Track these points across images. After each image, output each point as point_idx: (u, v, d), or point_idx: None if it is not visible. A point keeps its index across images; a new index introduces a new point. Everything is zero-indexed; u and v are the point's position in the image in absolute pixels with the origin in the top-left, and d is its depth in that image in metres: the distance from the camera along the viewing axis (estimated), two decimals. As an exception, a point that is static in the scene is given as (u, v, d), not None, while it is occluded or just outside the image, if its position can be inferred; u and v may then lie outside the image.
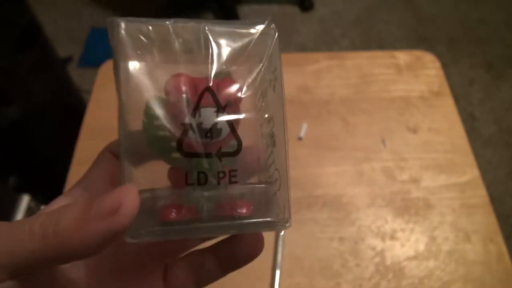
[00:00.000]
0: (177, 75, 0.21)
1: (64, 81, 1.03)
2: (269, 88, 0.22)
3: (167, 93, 0.20)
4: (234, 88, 0.21)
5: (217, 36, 0.21)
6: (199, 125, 0.20)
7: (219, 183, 0.21)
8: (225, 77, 0.21)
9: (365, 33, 1.65)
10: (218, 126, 0.20)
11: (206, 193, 0.20)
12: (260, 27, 0.23)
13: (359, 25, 1.68)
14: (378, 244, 0.48)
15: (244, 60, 0.22)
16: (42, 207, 0.26)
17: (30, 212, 0.75)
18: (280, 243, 0.47)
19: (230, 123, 0.21)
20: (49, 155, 0.93)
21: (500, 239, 0.48)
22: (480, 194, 0.51)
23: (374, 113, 0.59)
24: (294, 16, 1.71)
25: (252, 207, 0.21)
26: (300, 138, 0.56)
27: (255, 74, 0.22)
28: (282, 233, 0.48)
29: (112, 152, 0.24)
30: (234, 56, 0.21)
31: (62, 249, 0.17)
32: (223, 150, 0.21)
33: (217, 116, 0.20)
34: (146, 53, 0.21)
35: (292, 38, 1.64)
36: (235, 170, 0.21)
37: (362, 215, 0.50)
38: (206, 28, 0.21)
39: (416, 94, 0.61)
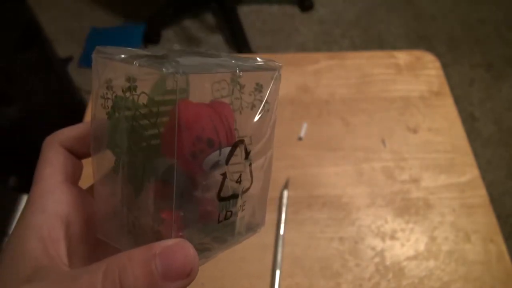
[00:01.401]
0: (191, 108, 0.21)
1: (64, 81, 1.03)
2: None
3: (190, 126, 0.21)
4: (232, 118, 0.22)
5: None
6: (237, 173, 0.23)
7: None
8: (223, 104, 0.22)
9: (365, 33, 1.65)
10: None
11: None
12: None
13: (359, 25, 1.68)
14: (378, 244, 0.48)
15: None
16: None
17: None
18: (280, 243, 0.47)
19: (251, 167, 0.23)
20: (49, 155, 0.93)
21: (500, 239, 0.48)
22: (480, 194, 0.51)
23: (374, 113, 0.59)
24: (294, 16, 1.71)
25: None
26: (300, 138, 0.56)
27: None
28: (282, 232, 0.48)
29: (64, 146, 0.25)
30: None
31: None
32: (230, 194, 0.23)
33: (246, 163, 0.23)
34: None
35: (292, 38, 1.64)
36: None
37: (362, 215, 0.50)
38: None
39: (416, 94, 0.61)
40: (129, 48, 0.21)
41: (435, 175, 0.53)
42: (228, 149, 0.21)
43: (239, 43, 1.56)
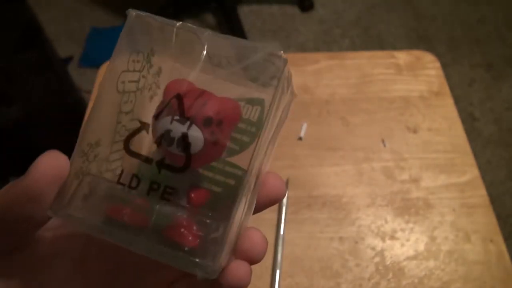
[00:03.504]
0: (176, 80, 0.20)
1: (64, 81, 1.03)
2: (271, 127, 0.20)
3: (163, 93, 0.20)
4: (224, 108, 0.19)
5: (214, 46, 0.20)
6: (167, 131, 0.19)
7: (148, 193, 0.19)
8: (225, 97, 0.20)
9: (365, 33, 1.65)
10: (188, 139, 0.19)
11: (160, 207, 0.19)
12: (266, 49, 0.20)
13: (359, 25, 1.68)
14: (378, 244, 0.48)
15: (240, 82, 0.20)
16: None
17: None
18: (280, 243, 0.47)
19: (186, 137, 0.19)
20: (49, 155, 0.93)
21: (500, 239, 0.48)
22: (480, 194, 0.51)
23: (374, 113, 0.59)
24: (294, 16, 1.71)
25: (197, 241, 0.18)
26: (300, 138, 0.56)
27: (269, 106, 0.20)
28: (282, 233, 0.48)
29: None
30: (227, 70, 0.20)
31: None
32: (168, 162, 0.19)
33: (183, 127, 0.19)
34: (163, 51, 0.20)
35: (292, 38, 1.64)
36: (172, 188, 0.19)
37: (362, 215, 0.50)
38: (208, 37, 0.20)
39: (416, 94, 0.61)
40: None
41: (435, 175, 0.53)
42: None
43: (239, 43, 1.57)
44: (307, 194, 0.51)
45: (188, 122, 0.19)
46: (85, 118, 0.20)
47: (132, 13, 0.20)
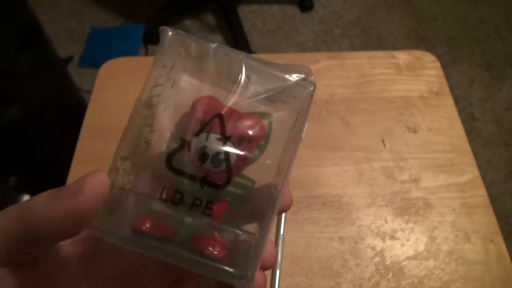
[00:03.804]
0: (206, 97, 0.21)
1: (64, 81, 1.03)
2: (291, 142, 0.22)
3: (191, 109, 0.21)
4: (253, 126, 0.21)
5: (251, 70, 0.21)
6: (202, 148, 0.20)
7: (191, 208, 0.20)
8: (251, 115, 0.21)
9: (365, 33, 1.65)
10: (220, 156, 0.20)
11: (188, 219, 0.20)
12: (298, 76, 0.22)
13: (359, 25, 1.68)
14: (378, 244, 0.48)
15: (272, 104, 0.21)
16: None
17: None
18: (280, 243, 0.47)
19: (228, 155, 0.20)
20: (49, 155, 0.93)
21: (500, 239, 0.48)
22: (480, 194, 0.51)
23: (374, 113, 0.59)
24: (294, 16, 1.71)
25: (226, 251, 0.20)
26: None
27: (289, 125, 0.22)
28: (282, 232, 0.48)
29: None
30: (260, 94, 0.21)
31: (32, 229, 0.18)
32: (211, 180, 0.20)
33: (222, 145, 0.20)
34: (181, 65, 0.21)
35: (292, 38, 1.64)
36: (212, 203, 0.20)
37: (362, 215, 0.50)
38: (243, 60, 0.21)
39: (416, 94, 0.61)
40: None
41: (435, 175, 0.53)
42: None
43: (239, 43, 1.56)
44: (307, 194, 0.51)
45: (224, 140, 0.20)
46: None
47: (168, 31, 0.21)
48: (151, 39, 1.59)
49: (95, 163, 0.51)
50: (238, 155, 0.20)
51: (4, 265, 0.18)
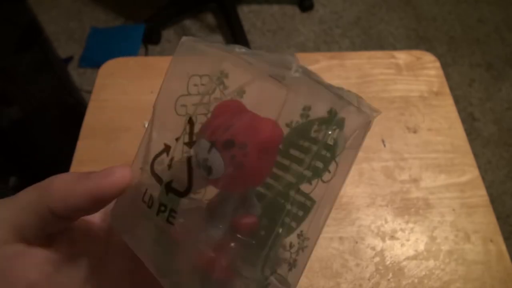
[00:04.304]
0: (226, 101, 0.19)
1: (64, 81, 1.03)
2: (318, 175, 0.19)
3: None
4: (250, 129, 0.18)
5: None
6: (190, 156, 0.19)
7: (157, 215, 0.19)
8: (267, 119, 0.18)
9: (365, 33, 1.65)
10: (207, 163, 0.18)
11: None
12: (350, 106, 0.19)
13: (359, 25, 1.68)
14: (378, 244, 0.48)
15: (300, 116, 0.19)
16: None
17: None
18: (280, 243, 0.47)
19: (206, 161, 0.18)
20: (49, 155, 0.93)
21: (500, 239, 0.48)
22: (480, 194, 0.51)
23: (374, 113, 0.59)
24: (294, 16, 1.71)
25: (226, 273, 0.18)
26: (300, 138, 0.56)
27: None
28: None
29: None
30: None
31: (56, 203, 0.19)
32: (174, 186, 0.19)
33: (209, 151, 0.18)
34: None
35: (292, 38, 1.64)
36: (176, 212, 0.18)
37: (362, 215, 0.50)
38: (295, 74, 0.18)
39: (416, 94, 0.61)
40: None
41: (435, 175, 0.53)
42: None
43: (239, 43, 1.56)
44: (307, 194, 0.51)
45: (209, 146, 0.18)
46: (143, 137, 0.21)
47: (185, 40, 0.21)
48: (151, 39, 1.59)
49: (95, 163, 0.51)
50: (225, 162, 0.18)
51: (22, 241, 0.20)
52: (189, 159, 0.19)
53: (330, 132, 0.18)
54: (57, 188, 0.19)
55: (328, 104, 0.18)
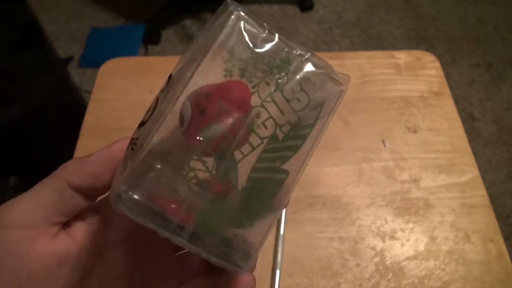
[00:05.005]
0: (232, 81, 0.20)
1: (64, 81, 1.03)
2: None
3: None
4: (219, 83, 0.20)
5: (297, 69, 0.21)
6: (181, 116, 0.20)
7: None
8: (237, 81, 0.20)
9: (365, 33, 1.65)
10: (181, 114, 0.20)
11: (208, 207, 0.19)
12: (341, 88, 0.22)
13: (359, 25, 1.68)
14: (378, 244, 0.48)
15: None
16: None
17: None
18: (280, 243, 0.47)
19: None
20: (49, 155, 0.93)
21: (500, 239, 0.48)
22: (480, 194, 0.51)
23: (374, 113, 0.59)
24: (294, 16, 1.71)
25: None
26: (300, 138, 0.56)
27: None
28: (282, 232, 0.48)
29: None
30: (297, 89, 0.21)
31: (72, 176, 0.20)
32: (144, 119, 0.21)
33: (184, 105, 0.20)
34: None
35: (292, 38, 1.64)
36: (137, 138, 0.20)
37: (362, 215, 0.50)
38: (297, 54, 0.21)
39: (416, 94, 0.61)
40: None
41: (435, 175, 0.53)
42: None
43: (239, 43, 1.57)
44: (307, 194, 0.51)
45: (187, 101, 0.19)
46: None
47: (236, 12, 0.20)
48: (151, 39, 1.59)
49: (95, 163, 0.51)
50: (192, 110, 0.19)
51: (39, 226, 0.20)
52: (157, 98, 0.20)
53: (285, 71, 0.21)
54: (72, 162, 0.21)
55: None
